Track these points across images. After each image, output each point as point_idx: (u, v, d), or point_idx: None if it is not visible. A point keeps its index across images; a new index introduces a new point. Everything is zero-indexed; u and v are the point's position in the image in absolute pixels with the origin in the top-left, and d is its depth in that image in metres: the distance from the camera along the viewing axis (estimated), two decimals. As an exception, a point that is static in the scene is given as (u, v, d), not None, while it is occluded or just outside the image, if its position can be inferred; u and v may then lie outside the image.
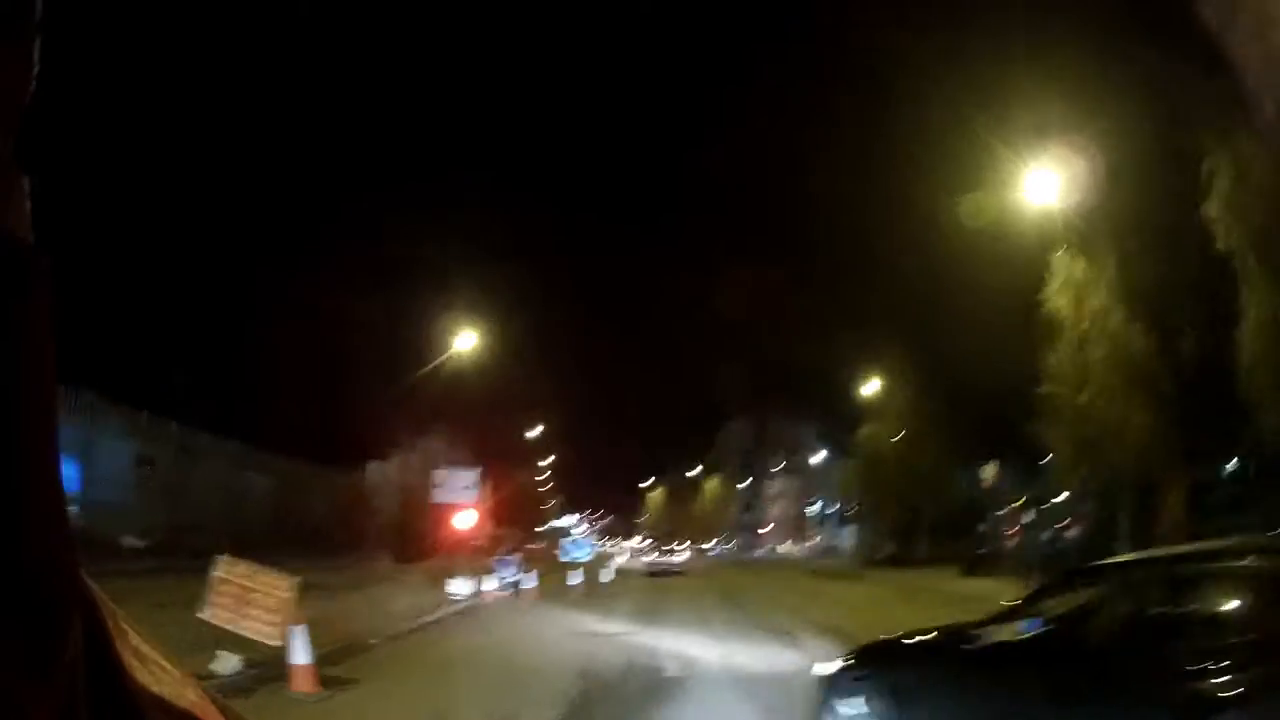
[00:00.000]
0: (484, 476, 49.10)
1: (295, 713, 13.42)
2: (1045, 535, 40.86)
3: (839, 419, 68.55)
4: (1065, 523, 40.02)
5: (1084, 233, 31.31)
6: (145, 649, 0.93)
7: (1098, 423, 31.65)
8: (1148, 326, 31.21)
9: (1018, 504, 44.88)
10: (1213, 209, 25.23)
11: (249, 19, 39.17)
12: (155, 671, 0.92)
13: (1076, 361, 32.50)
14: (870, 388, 60.54)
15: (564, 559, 49.65)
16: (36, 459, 0.74)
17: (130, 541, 27.05)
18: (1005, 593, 31.81)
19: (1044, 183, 29.95)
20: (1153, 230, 28.52)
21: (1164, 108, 25.92)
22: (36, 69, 0.79)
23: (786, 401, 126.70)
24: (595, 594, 40.84)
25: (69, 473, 25.20)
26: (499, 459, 71.07)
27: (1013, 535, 45.59)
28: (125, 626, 0.91)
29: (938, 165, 37.06)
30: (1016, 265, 33.38)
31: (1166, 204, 27.24)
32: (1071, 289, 32.59)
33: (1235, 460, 36.70)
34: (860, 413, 62.19)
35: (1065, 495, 38.08)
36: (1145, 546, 30.42)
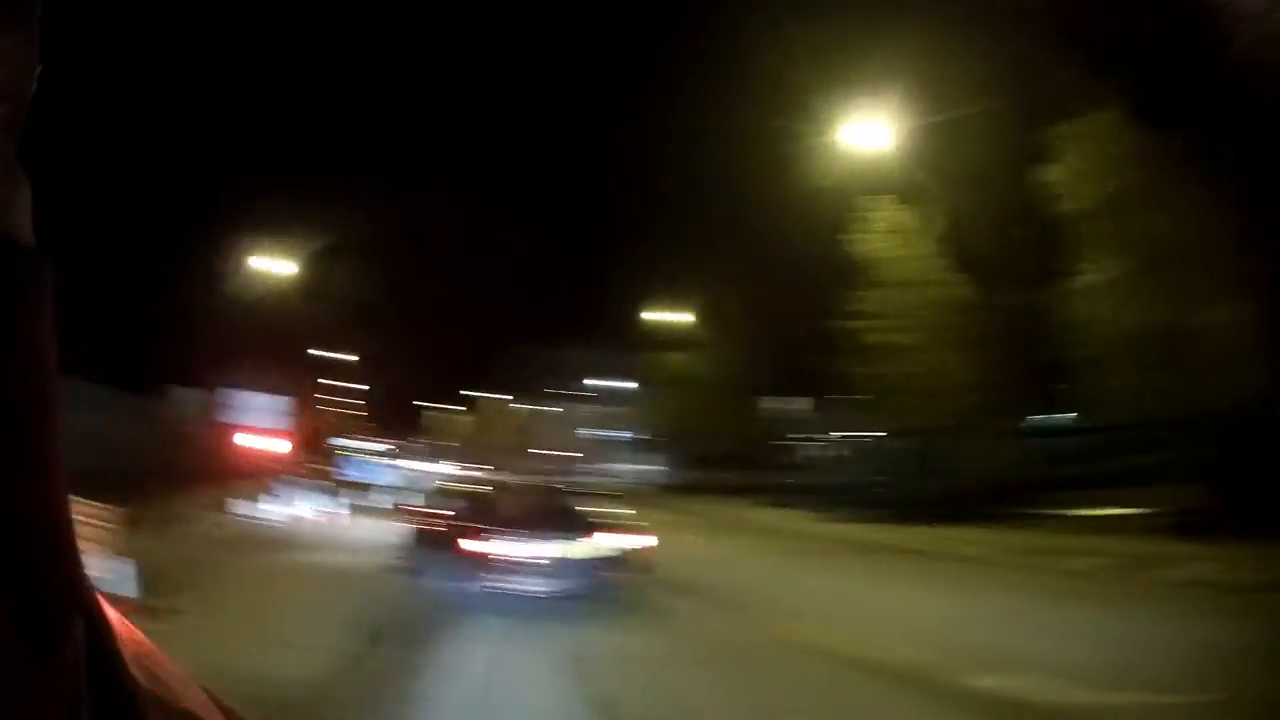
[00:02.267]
0: (297, 403, 48.20)
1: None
2: (857, 470, 41.30)
3: (650, 347, 68.59)
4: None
5: (914, 183, 31.70)
6: (148, 649, 0.93)
7: (914, 364, 32.35)
8: (975, 277, 31.89)
9: (829, 439, 45.47)
10: (1059, 174, 25.91)
11: None
12: (156, 671, 0.91)
13: (896, 304, 32.94)
14: (681, 317, 60.28)
15: (358, 480, 48.46)
16: (38, 459, 0.75)
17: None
18: (813, 525, 32.54)
19: (876, 131, 30.03)
20: (991, 188, 28.91)
21: (1016, 74, 26.24)
22: (38, 69, 0.78)
23: (595, 329, 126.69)
24: (398, 518, 40.34)
25: None
26: (309, 385, 69.89)
27: (822, 469, 46.08)
28: (127, 626, 0.91)
29: (769, 111, 37.01)
30: (844, 208, 33.63)
31: (1010, 165, 27.62)
32: (897, 235, 33.05)
33: (1072, 414, 37.92)
34: (669, 341, 61.95)
35: (883, 434, 38.54)
36: (959, 489, 31.32)
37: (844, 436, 43.30)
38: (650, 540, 17.75)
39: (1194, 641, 12.13)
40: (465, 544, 16.40)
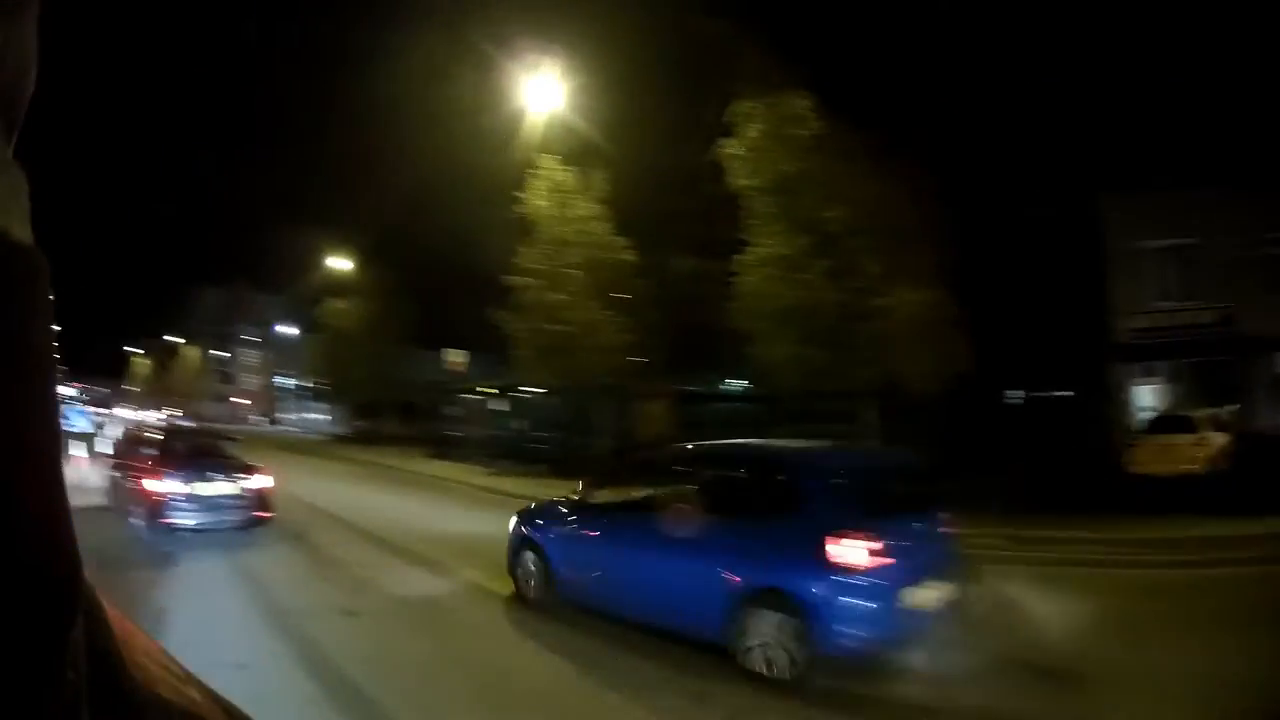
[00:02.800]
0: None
1: None
2: (516, 424, 41.68)
3: (309, 295, 66.97)
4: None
5: (577, 144, 31.78)
6: (148, 648, 0.89)
7: (568, 323, 32.52)
8: (637, 243, 32.37)
9: (487, 391, 45.60)
10: (736, 149, 26.18)
11: None
12: (157, 671, 0.88)
13: (554, 261, 33.17)
14: (339, 265, 59.04)
15: (65, 429, 45.87)
16: (36, 458, 0.71)
17: None
18: (471, 476, 32.71)
19: (542, 89, 30.02)
20: (655, 155, 29.46)
21: (697, 46, 26.79)
22: (37, 67, 0.76)
23: (259, 274, 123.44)
24: (98, 462, 38.90)
25: None
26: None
27: (481, 422, 46.20)
28: (128, 625, 0.87)
29: (443, 63, 36.89)
30: (509, 166, 33.41)
31: (686, 136, 28.20)
32: (557, 194, 33.17)
33: (736, 382, 38.97)
34: (328, 289, 60.84)
35: (537, 390, 38.87)
36: (622, 447, 31.96)
37: (502, 390, 43.49)
38: (269, 481, 19.21)
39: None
40: (141, 484, 18.25)
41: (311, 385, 79.01)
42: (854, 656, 9.32)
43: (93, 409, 73.83)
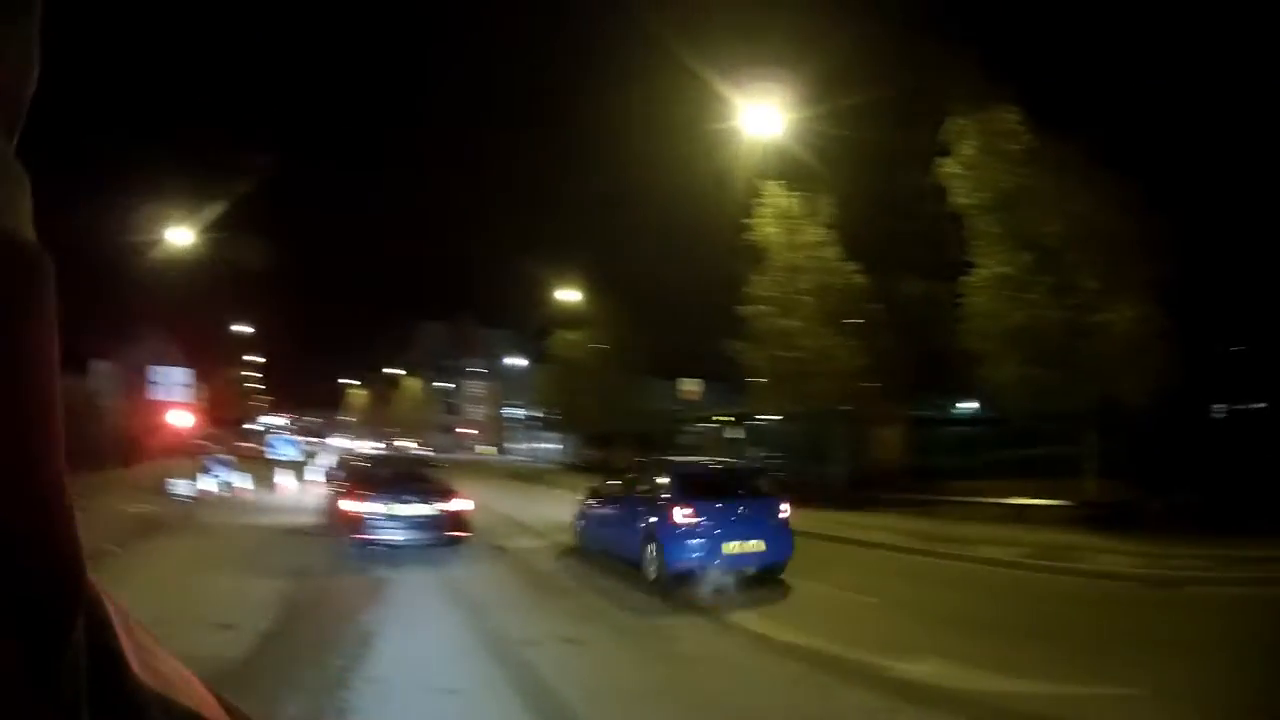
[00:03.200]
0: (199, 376, 47.59)
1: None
2: (752, 452, 41.53)
3: (539, 326, 67.86)
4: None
5: (804, 168, 31.85)
6: (149, 646, 0.93)
7: (802, 349, 32.52)
8: (867, 266, 32.37)
9: (722, 419, 45.50)
10: (954, 168, 26.11)
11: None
12: (159, 669, 0.92)
13: (785, 288, 33.31)
14: (570, 296, 59.54)
15: (272, 457, 48.50)
16: (39, 456, 0.75)
17: None
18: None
19: (766, 118, 30.24)
20: (881, 178, 29.44)
21: (912, 69, 26.82)
22: (39, 66, 0.80)
23: (486, 306, 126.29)
24: (305, 491, 40.52)
25: None
26: (213, 358, 68.96)
27: (715, 451, 46.12)
28: (130, 624, 0.91)
29: (663, 95, 37.37)
30: (731, 194, 33.77)
31: (900, 157, 28.18)
32: (785, 221, 33.39)
33: (966, 404, 38.53)
34: (558, 320, 61.44)
35: (777, 417, 38.74)
36: (858, 474, 31.88)
37: (737, 418, 43.56)
38: (468, 504, 21.77)
39: (1112, 634, 12.72)
40: (346, 505, 21.15)
41: (541, 416, 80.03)
42: (682, 574, 17.08)
43: (302, 438, 76.91)
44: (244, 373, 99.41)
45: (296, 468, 46.28)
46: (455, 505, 21.19)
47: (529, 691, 10.36)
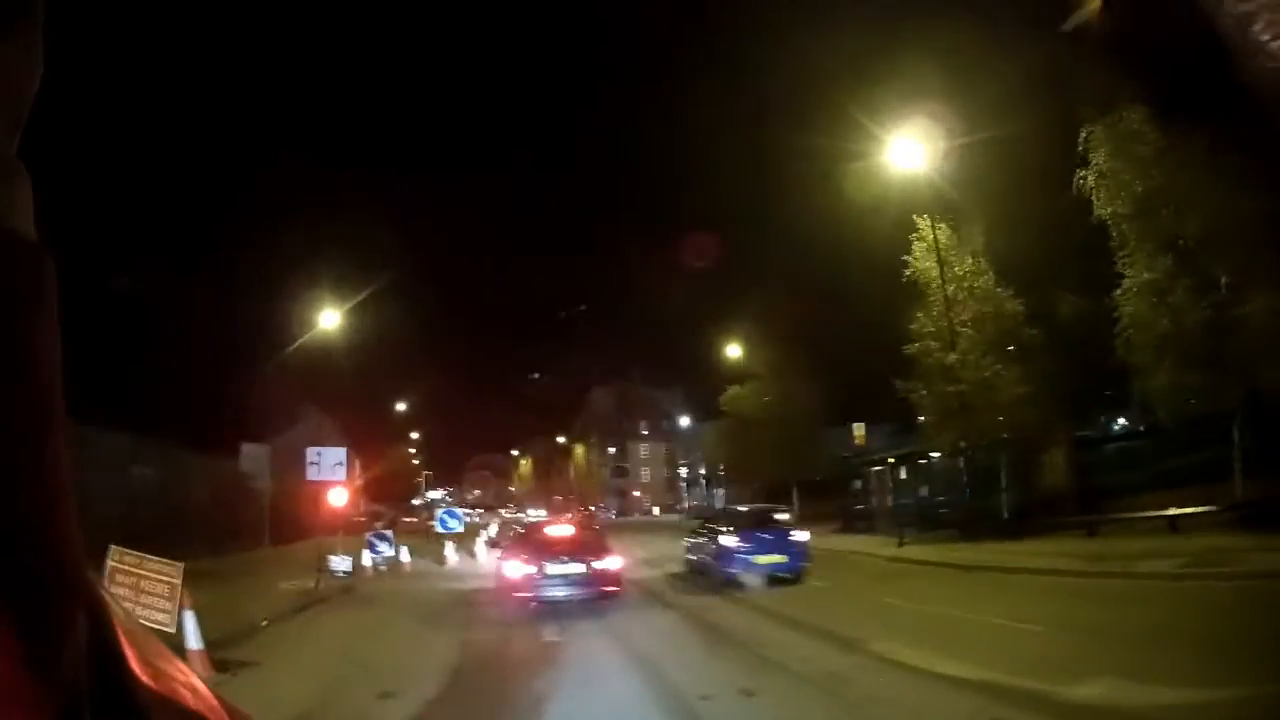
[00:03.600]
0: (354, 454, 48.45)
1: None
2: (920, 492, 41.01)
3: (704, 383, 68.45)
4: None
5: (950, 199, 31.96)
6: (150, 646, 0.92)
7: (967, 382, 32.24)
8: (1019, 290, 31.96)
9: (891, 460, 45.18)
10: (1090, 179, 25.61)
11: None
12: (160, 669, 0.90)
13: (944, 322, 33.12)
14: (735, 351, 60.17)
15: (438, 530, 49.15)
16: (41, 456, 0.74)
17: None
18: (879, 548, 32.57)
19: (910, 151, 30.10)
20: (1026, 198, 28.83)
21: (1042, 82, 26.19)
22: (41, 68, 0.79)
23: (651, 367, 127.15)
24: (470, 564, 40.95)
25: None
26: (369, 436, 70.35)
27: (884, 492, 45.83)
28: (131, 624, 0.89)
29: (803, 135, 37.24)
30: (883, 230, 33.73)
31: (1043, 174, 27.54)
32: (936, 253, 33.12)
33: (1123, 420, 37.54)
34: (726, 376, 61.72)
35: (937, 455, 38.28)
36: (1025, 502, 31.22)
37: (904, 458, 42.97)
38: (619, 562, 23.96)
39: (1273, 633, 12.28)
40: (507, 565, 24.18)
41: (715, 472, 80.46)
42: (731, 579, 25.15)
43: (468, 511, 79.10)
44: (409, 449, 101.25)
45: (462, 540, 46.91)
46: (606, 563, 23.18)
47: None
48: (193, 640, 13.97)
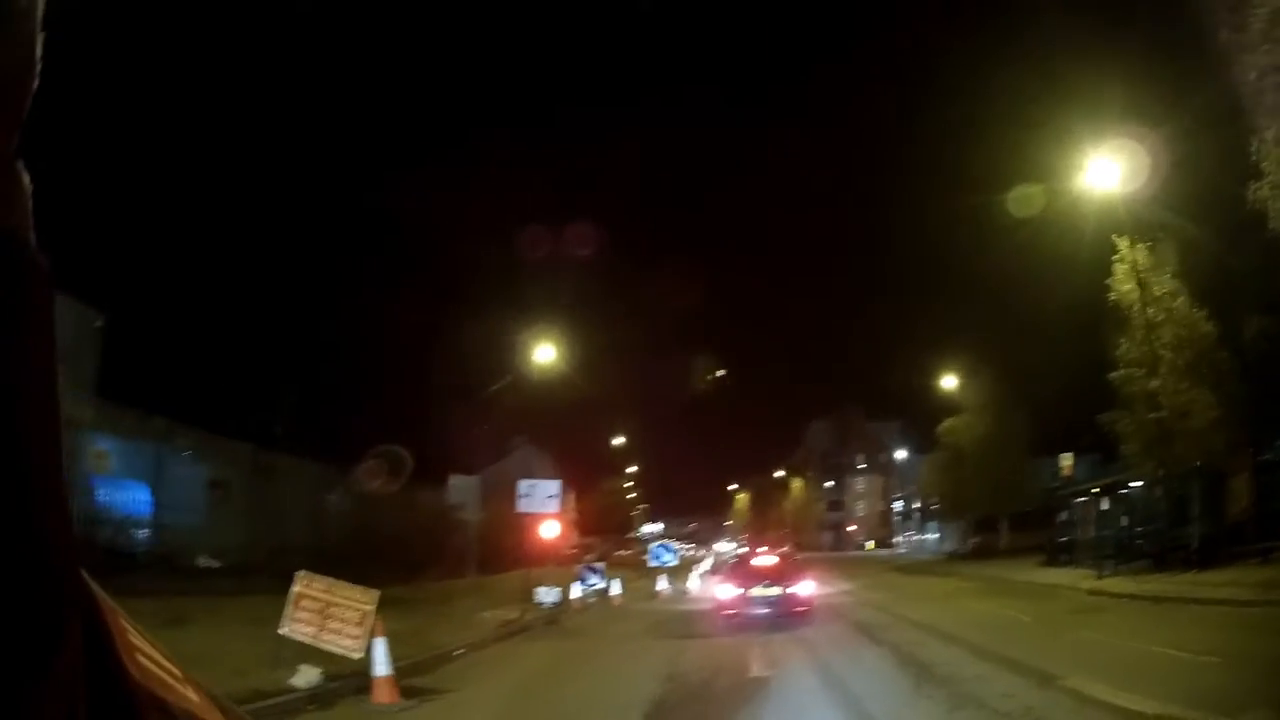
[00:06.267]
0: (568, 486, 49.20)
1: (375, 725, 13.64)
2: (1121, 522, 40.16)
3: (918, 416, 68.32)
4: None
5: (1144, 219, 31.06)
6: (147, 650, 0.94)
7: (1167, 408, 31.40)
8: (1211, 311, 31.01)
9: (1094, 491, 44.32)
10: (1263, 191, 24.32)
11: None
12: (156, 670, 0.93)
13: (1146, 347, 32.30)
14: (948, 383, 60.12)
15: (651, 564, 49.94)
16: (38, 458, 0.74)
17: (205, 562, 27.02)
18: (1079, 581, 32.00)
19: (1104, 171, 29.81)
20: (1209, 214, 28.25)
21: (1216, 93, 25.65)
22: (39, 67, 0.79)
23: (867, 401, 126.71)
24: (681, 598, 41.48)
25: (141, 496, 25.18)
26: (583, 469, 71.59)
27: (1086, 523, 44.99)
28: (127, 627, 0.91)
29: (999, 162, 37.15)
30: (1081, 254, 32.95)
31: (1221, 188, 26.93)
32: (1136, 275, 32.29)
33: None
34: (939, 409, 61.78)
35: (1139, 483, 37.49)
36: (1213, 530, 30.59)
37: (1105, 488, 42.12)
38: (811, 586, 27.43)
39: None
40: (729, 589, 27.60)
41: (929, 505, 79.82)
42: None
43: (682, 545, 79.82)
44: (625, 484, 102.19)
45: (676, 573, 47.60)
46: (798, 587, 26.70)
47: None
48: (381, 667, 14.17)
